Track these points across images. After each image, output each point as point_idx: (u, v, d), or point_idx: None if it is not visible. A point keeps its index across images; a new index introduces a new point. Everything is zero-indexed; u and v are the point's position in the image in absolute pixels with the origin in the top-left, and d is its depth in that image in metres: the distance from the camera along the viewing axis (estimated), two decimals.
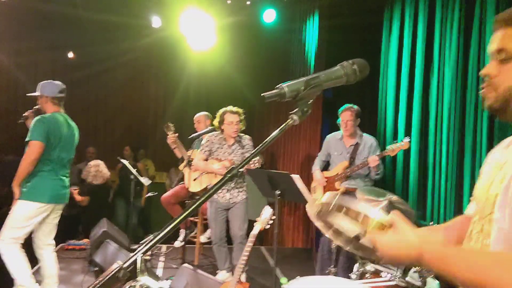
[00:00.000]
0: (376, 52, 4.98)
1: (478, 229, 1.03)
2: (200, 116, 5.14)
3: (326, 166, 4.35)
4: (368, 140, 4.08)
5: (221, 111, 4.16)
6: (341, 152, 4.15)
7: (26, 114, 3.94)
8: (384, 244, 0.98)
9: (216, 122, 4.16)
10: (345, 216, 1.04)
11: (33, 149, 3.26)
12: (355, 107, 4.01)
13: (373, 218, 1.01)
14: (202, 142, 4.31)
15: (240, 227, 4.08)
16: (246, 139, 4.22)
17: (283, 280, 1.00)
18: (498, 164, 1.05)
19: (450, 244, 1.23)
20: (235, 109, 4.13)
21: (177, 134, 4.94)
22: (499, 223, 0.95)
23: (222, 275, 4.11)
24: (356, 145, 4.06)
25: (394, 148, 3.71)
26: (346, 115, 3.99)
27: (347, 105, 4.02)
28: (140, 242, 5.52)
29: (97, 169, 5.69)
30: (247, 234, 3.45)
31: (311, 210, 1.15)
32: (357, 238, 1.11)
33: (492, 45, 1.02)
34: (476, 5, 3.56)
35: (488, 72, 1.01)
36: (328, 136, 4.37)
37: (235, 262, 4.05)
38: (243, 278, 4.04)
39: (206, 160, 4.22)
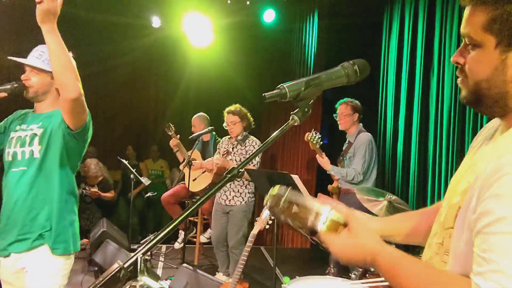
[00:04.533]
0: (376, 52, 4.98)
1: (439, 241, 0.97)
2: (194, 119, 5.13)
3: None
4: (360, 137, 3.87)
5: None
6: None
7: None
8: (337, 245, 0.92)
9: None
10: (296, 213, 0.95)
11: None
12: (355, 101, 3.92)
13: (326, 216, 0.92)
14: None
15: (232, 235, 4.02)
16: (251, 141, 4.13)
17: (286, 279, 0.95)
18: (471, 163, 0.95)
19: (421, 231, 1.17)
20: (232, 108, 4.11)
21: (178, 135, 4.93)
22: (456, 243, 0.88)
23: (219, 277, 4.11)
24: (349, 144, 3.96)
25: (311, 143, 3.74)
26: (341, 107, 3.93)
27: (346, 99, 3.95)
28: (140, 242, 5.53)
29: (95, 167, 5.62)
30: (245, 242, 3.44)
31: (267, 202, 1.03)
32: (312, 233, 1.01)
33: (462, 27, 0.89)
34: None
35: (458, 59, 0.91)
36: None
37: (231, 268, 4.06)
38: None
39: None
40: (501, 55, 0.83)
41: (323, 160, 3.83)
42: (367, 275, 2.74)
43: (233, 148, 4.15)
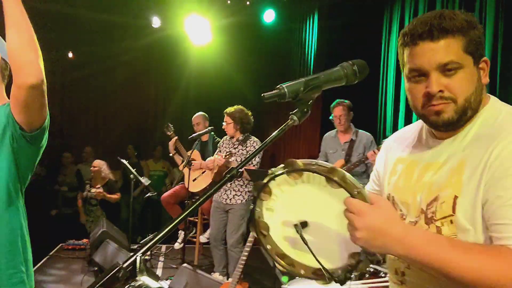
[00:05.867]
0: (376, 52, 4.98)
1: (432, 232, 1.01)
2: (197, 117, 5.11)
3: None
4: (364, 136, 4.02)
5: None
6: (335, 149, 4.09)
7: None
8: (369, 212, 0.86)
9: None
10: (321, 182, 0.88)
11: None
12: (346, 101, 3.99)
13: (359, 190, 0.87)
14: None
15: (231, 233, 4.04)
16: (252, 141, 4.16)
17: (284, 279, 0.94)
18: (427, 165, 1.07)
19: None
20: (231, 109, 4.17)
21: (176, 137, 4.93)
22: (463, 224, 0.95)
23: (216, 277, 4.11)
24: (351, 142, 4.00)
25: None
26: (338, 109, 3.97)
27: (338, 100, 4.00)
28: (140, 242, 5.53)
29: (105, 168, 5.58)
30: (243, 241, 3.44)
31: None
32: (303, 224, 0.95)
33: (436, 59, 0.98)
34: (476, 5, 3.56)
35: (441, 87, 0.98)
36: (325, 135, 4.32)
37: (230, 267, 4.06)
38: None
39: None
40: (477, 70, 1.00)
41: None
42: (366, 275, 2.74)
43: (234, 149, 4.16)
